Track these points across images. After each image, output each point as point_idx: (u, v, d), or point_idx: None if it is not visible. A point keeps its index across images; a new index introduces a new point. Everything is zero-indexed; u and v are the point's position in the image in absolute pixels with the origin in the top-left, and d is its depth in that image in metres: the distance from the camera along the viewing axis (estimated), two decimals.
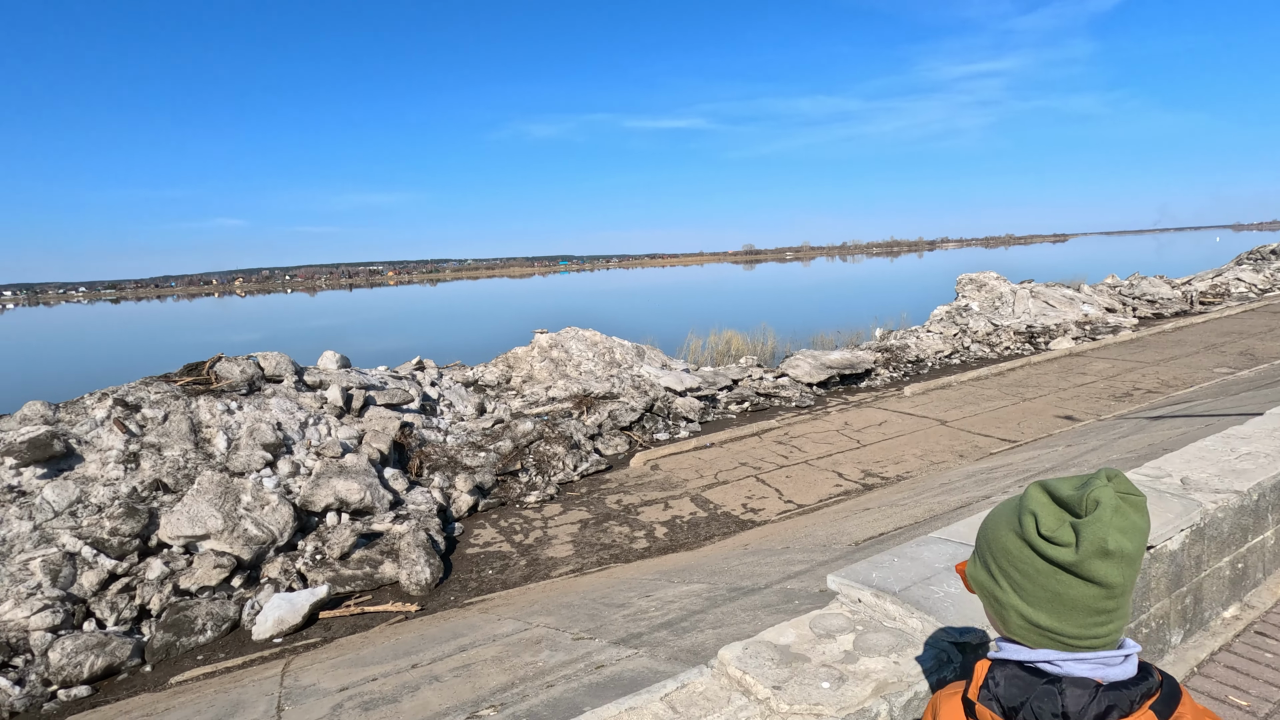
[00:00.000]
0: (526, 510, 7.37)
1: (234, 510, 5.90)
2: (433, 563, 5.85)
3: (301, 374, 8.11)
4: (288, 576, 5.71)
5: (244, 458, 6.42)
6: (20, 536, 5.21)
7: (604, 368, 11.41)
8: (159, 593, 5.27)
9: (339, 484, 6.47)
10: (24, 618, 4.77)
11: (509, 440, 8.53)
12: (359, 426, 7.62)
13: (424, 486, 7.27)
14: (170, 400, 6.69)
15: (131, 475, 5.95)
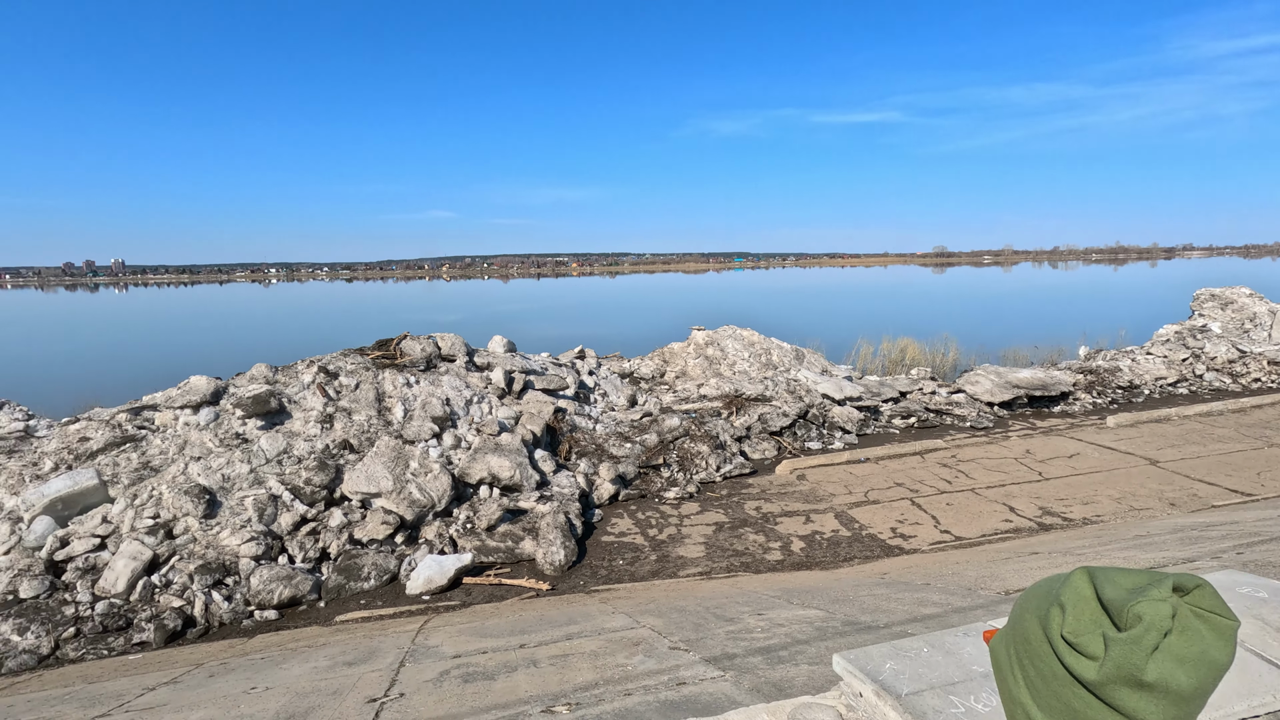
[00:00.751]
0: (664, 506, 7.40)
1: (403, 474, 6.55)
2: (568, 545, 6.08)
3: (472, 355, 8.81)
4: (441, 540, 6.24)
5: (415, 428, 7.11)
6: (240, 477, 6.20)
7: (759, 369, 11.14)
8: (337, 539, 6.00)
9: (493, 460, 6.94)
10: (236, 545, 5.67)
11: (655, 434, 8.62)
12: (517, 408, 8.12)
13: (570, 471, 7.57)
14: (362, 371, 7.58)
15: (326, 434, 6.84)
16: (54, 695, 3.55)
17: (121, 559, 5.31)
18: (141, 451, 6.22)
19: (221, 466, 6.20)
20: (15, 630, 4.81)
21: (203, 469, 6.14)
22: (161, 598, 5.21)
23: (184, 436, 6.44)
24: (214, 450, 6.36)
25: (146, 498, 5.82)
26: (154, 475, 6.04)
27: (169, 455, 6.24)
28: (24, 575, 5.18)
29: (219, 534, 5.70)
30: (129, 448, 6.23)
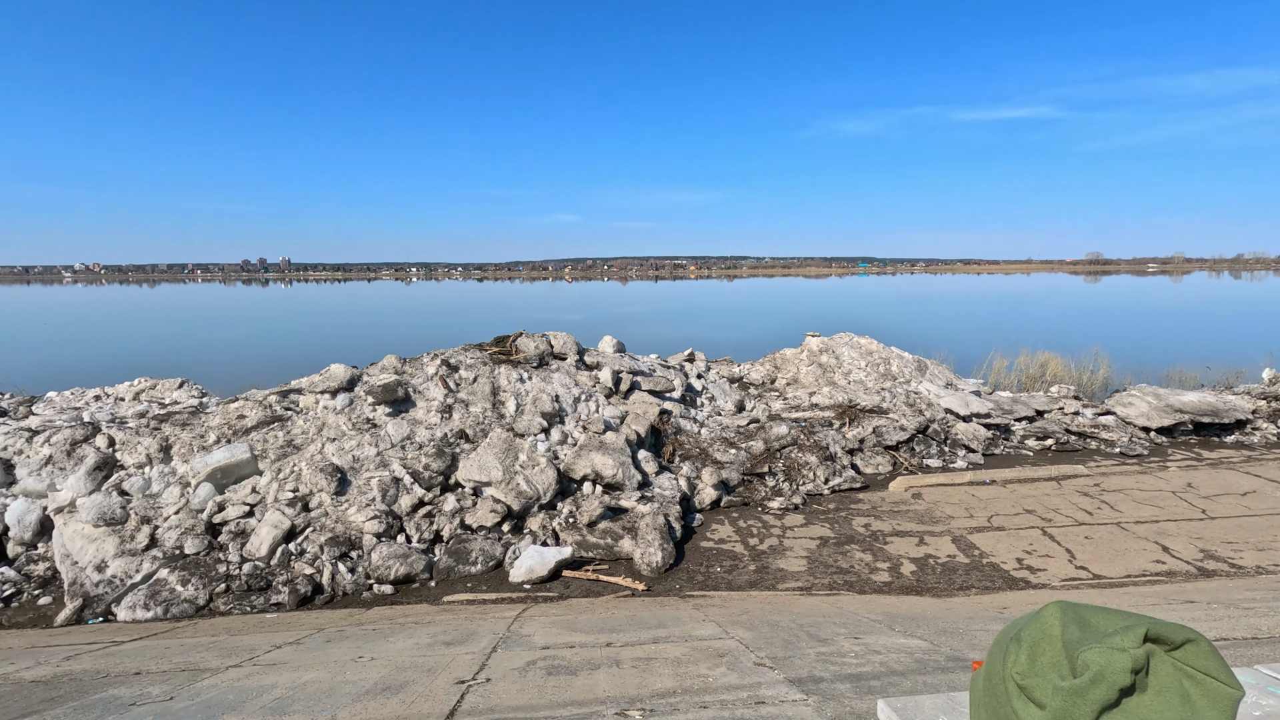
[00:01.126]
0: (767, 515, 7.21)
1: (512, 465, 6.82)
2: (665, 548, 6.07)
3: (583, 354, 9.03)
4: (544, 532, 6.42)
5: (526, 422, 7.38)
6: (368, 459, 6.71)
7: (876, 379, 10.60)
8: (450, 523, 6.34)
9: (597, 458, 7.06)
10: (361, 522, 6.13)
11: (761, 441, 8.43)
12: (623, 407, 8.22)
13: (672, 473, 7.56)
14: (480, 366, 7.97)
15: (445, 423, 7.25)
16: (202, 642, 3.99)
17: (265, 526, 5.90)
18: (287, 430, 6.89)
19: (352, 448, 6.74)
20: (179, 581, 5.46)
21: (336, 450, 6.70)
22: (296, 564, 5.74)
23: (322, 419, 7.06)
24: (347, 433, 6.92)
25: (288, 472, 6.43)
26: (296, 453, 6.66)
27: (309, 435, 6.87)
28: (189, 533, 5.88)
29: (347, 510, 6.20)
30: (276, 426, 6.92)
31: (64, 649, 3.91)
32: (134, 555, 5.58)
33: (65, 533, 5.70)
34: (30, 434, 6.65)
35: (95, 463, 6.23)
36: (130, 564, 5.51)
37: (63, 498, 6.02)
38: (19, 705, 2.66)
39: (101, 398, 9.32)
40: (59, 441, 6.41)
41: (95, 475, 6.21)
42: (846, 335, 11.49)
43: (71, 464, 6.32)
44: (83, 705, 2.61)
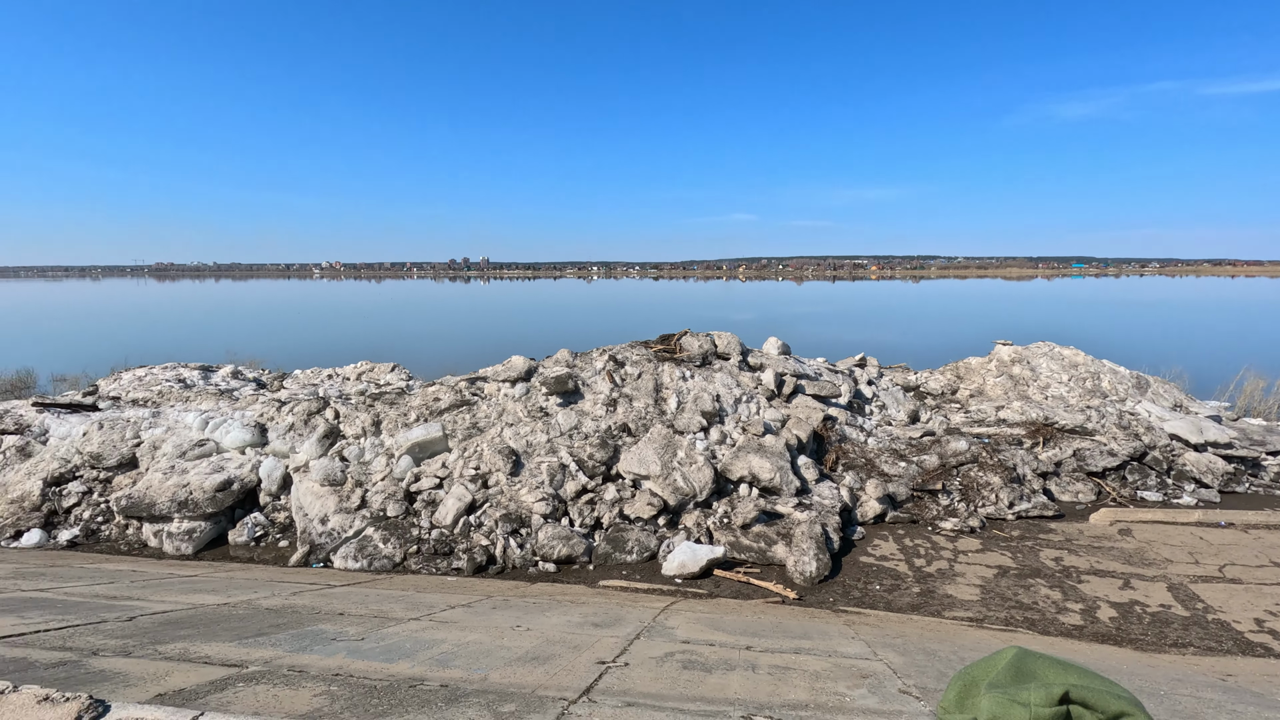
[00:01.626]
0: (938, 536, 6.69)
1: (670, 461, 6.98)
2: (821, 558, 5.87)
3: (746, 355, 8.97)
4: (698, 529, 6.50)
5: (686, 419, 7.50)
6: (539, 445, 7.22)
7: (1081, 395, 9.36)
8: (609, 512, 6.64)
9: (754, 460, 7.00)
10: (531, 502, 6.63)
11: (935, 456, 7.83)
12: (784, 411, 8.05)
13: (833, 482, 7.28)
14: (645, 363, 8.24)
15: (609, 415, 7.59)
16: (394, 595, 4.57)
17: (451, 499, 6.59)
18: (472, 414, 7.63)
19: (526, 434, 7.30)
20: (381, 539, 6.29)
21: (513, 434, 7.30)
22: (474, 535, 6.35)
23: (502, 405, 7.72)
24: (523, 419, 7.51)
25: (472, 451, 7.12)
26: (479, 434, 7.36)
27: (491, 419, 7.55)
28: (391, 499, 6.74)
29: (519, 490, 6.73)
30: (464, 410, 7.68)
31: (292, 585, 4.68)
32: (348, 513, 6.51)
33: (300, 488, 6.79)
34: (279, 404, 8.00)
35: (324, 431, 7.35)
36: (345, 520, 6.44)
37: (299, 459, 7.19)
38: (255, 626, 3.25)
39: (333, 376, 10.94)
40: (299, 412, 7.64)
41: (324, 442, 7.32)
42: (1046, 345, 10.24)
43: (307, 431, 7.51)
44: (299, 634, 3.12)
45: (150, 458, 7.27)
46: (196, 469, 6.91)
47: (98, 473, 7.15)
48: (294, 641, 2.93)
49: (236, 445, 7.34)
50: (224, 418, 7.65)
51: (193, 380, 9.77)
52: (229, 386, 9.66)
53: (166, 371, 9.97)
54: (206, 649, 2.68)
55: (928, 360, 12.31)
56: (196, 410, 8.01)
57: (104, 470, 7.21)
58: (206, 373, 10.37)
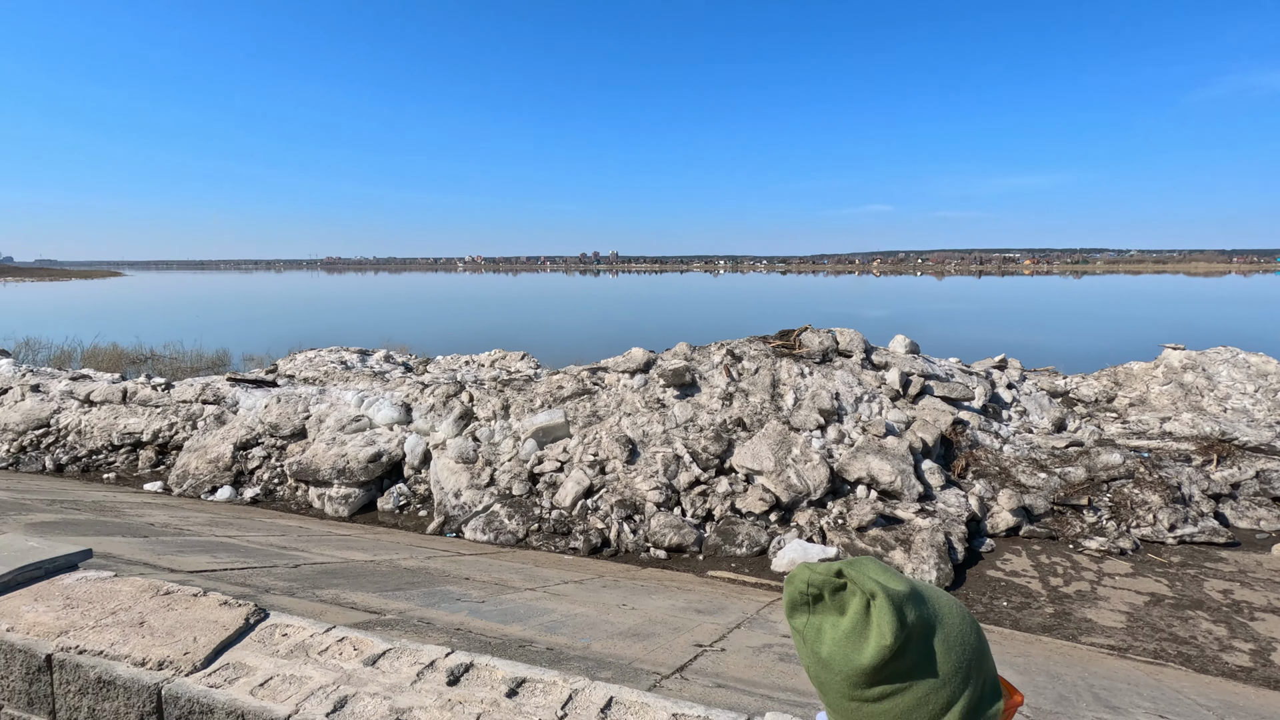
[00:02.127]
0: (1080, 555, 6.15)
1: (784, 458, 6.91)
2: (942, 568, 5.60)
3: (870, 353, 8.65)
4: (811, 528, 6.40)
5: (802, 416, 7.39)
6: (655, 435, 7.41)
7: (1270, 409, 8.15)
8: (721, 504, 6.70)
9: (873, 461, 6.77)
10: (645, 490, 6.83)
11: (1083, 468, 7.17)
12: (909, 412, 7.70)
13: (961, 490, 6.88)
14: (762, 358, 8.18)
15: (724, 409, 7.64)
16: (514, 566, 4.92)
17: (570, 482, 6.93)
18: (593, 402, 7.95)
19: (643, 424, 7.51)
20: (506, 516, 6.74)
21: (630, 424, 7.53)
22: (590, 518, 6.64)
23: (621, 395, 7.98)
24: (640, 410, 7.73)
25: (591, 438, 7.44)
26: (598, 422, 7.67)
27: (609, 408, 7.83)
28: (516, 479, 7.20)
29: (634, 478, 6.95)
30: (585, 398, 8.03)
31: (427, 550, 5.17)
32: (478, 489, 7.04)
33: (437, 464, 7.43)
34: (423, 387, 8.77)
35: (459, 413, 7.97)
36: (476, 496, 6.97)
37: (438, 437, 7.85)
38: (394, 582, 3.65)
39: (470, 362, 11.79)
40: (439, 394, 8.34)
41: (459, 423, 7.94)
42: (1228, 350, 8.99)
43: (445, 412, 8.17)
44: (430, 592, 3.48)
45: (316, 429, 8.24)
46: (353, 441, 7.75)
47: (275, 440, 8.20)
48: (425, 598, 3.27)
49: (386, 422, 8.14)
50: (376, 397, 8.50)
51: (352, 362, 10.91)
52: (382, 369, 10.69)
53: (331, 354, 11.20)
54: (353, 596, 3.07)
55: (1081, 364, 11.20)
56: (354, 389, 8.96)
57: (280, 439, 8.26)
58: (364, 356, 11.54)
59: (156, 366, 17.91)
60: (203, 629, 1.73)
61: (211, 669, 1.60)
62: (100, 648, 1.63)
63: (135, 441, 8.51)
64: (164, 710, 1.52)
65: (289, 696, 1.51)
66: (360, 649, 1.72)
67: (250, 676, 1.58)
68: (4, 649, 1.64)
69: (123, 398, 9.07)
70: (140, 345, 20.21)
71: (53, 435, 8.69)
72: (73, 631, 1.69)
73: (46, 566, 2.00)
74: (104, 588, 1.94)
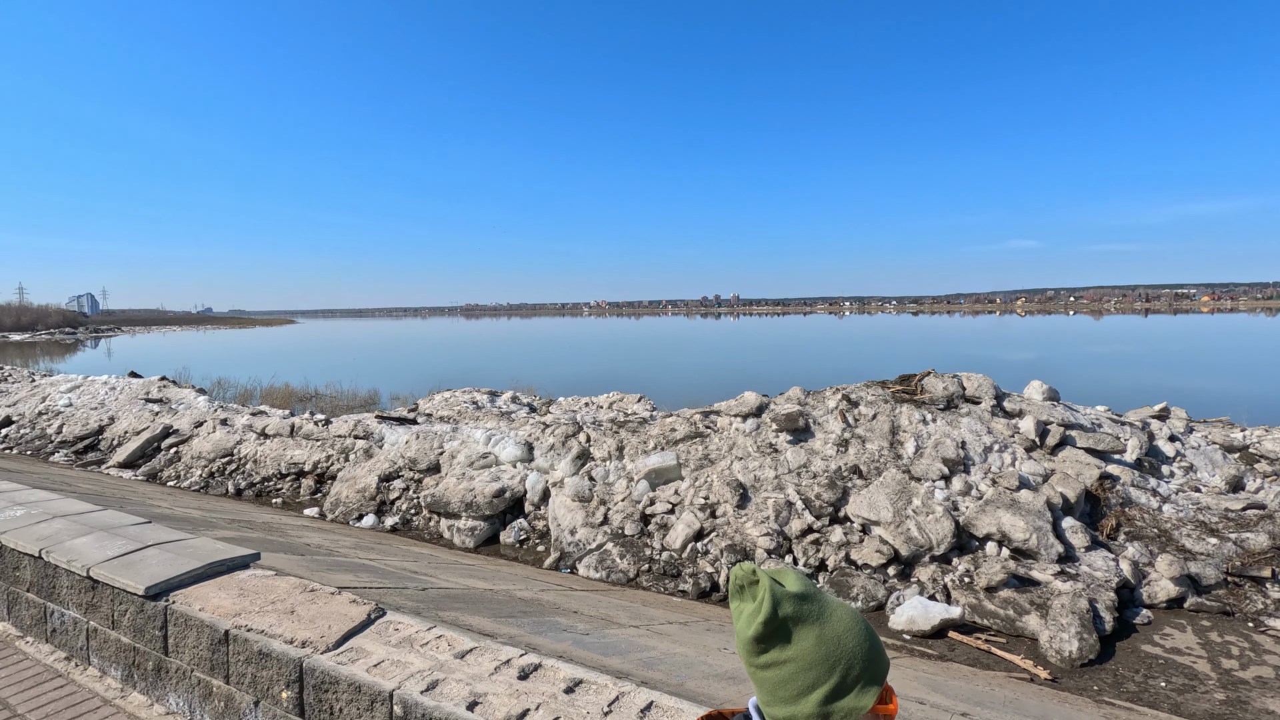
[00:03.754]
0: (1262, 635, 5.35)
1: (904, 509, 6.61)
2: (1085, 638, 5.09)
3: (1001, 399, 8.11)
4: (934, 585, 6.04)
5: (924, 466, 7.04)
6: (766, 480, 7.34)
7: None
8: (835, 554, 6.49)
9: (1005, 516, 6.31)
10: (755, 535, 6.76)
11: (1265, 534, 6.28)
12: (1047, 465, 7.11)
13: (1111, 552, 6.23)
14: (880, 404, 7.92)
15: (840, 456, 7.44)
16: (621, 604, 5.06)
17: (681, 524, 7.01)
18: (705, 445, 8.03)
19: (755, 469, 7.47)
20: (619, 555, 6.91)
21: (742, 468, 7.52)
22: (700, 561, 6.66)
23: (733, 439, 8.00)
24: (751, 454, 7.70)
25: (702, 482, 7.50)
26: (709, 465, 7.72)
27: (721, 452, 7.87)
28: (629, 519, 7.39)
29: (745, 523, 6.91)
30: (697, 441, 8.12)
31: (541, 584, 5.43)
32: (593, 527, 7.28)
33: (555, 502, 7.77)
34: (544, 427, 9.25)
35: (577, 453, 8.32)
36: (590, 534, 7.21)
37: (557, 476, 8.23)
38: (509, 609, 3.90)
39: (589, 404, 12.26)
40: (558, 435, 8.76)
41: (576, 463, 8.29)
42: None
43: (564, 451, 8.56)
44: (540, 621, 3.69)
45: (449, 465, 8.90)
46: (480, 477, 8.30)
47: (413, 473, 8.95)
48: (534, 626, 3.48)
49: (510, 460, 8.65)
50: (502, 436, 9.07)
51: (482, 402, 11.71)
52: (508, 409, 11.38)
53: (464, 394, 12.09)
54: (470, 619, 3.33)
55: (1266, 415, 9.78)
56: (483, 428, 9.62)
57: (417, 472, 9.00)
58: (493, 396, 12.34)
59: (319, 404, 20.06)
60: (336, 620, 2.12)
61: (340, 650, 2.04)
62: (262, 628, 2.03)
63: (299, 471, 9.59)
64: (304, 679, 1.95)
65: (394, 676, 1.90)
66: (453, 645, 2.03)
67: (367, 659, 1.99)
68: (195, 625, 2.07)
69: (290, 431, 10.28)
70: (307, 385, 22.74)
71: (235, 463, 9.99)
72: (244, 614, 2.11)
73: (228, 564, 2.46)
74: (267, 583, 2.36)
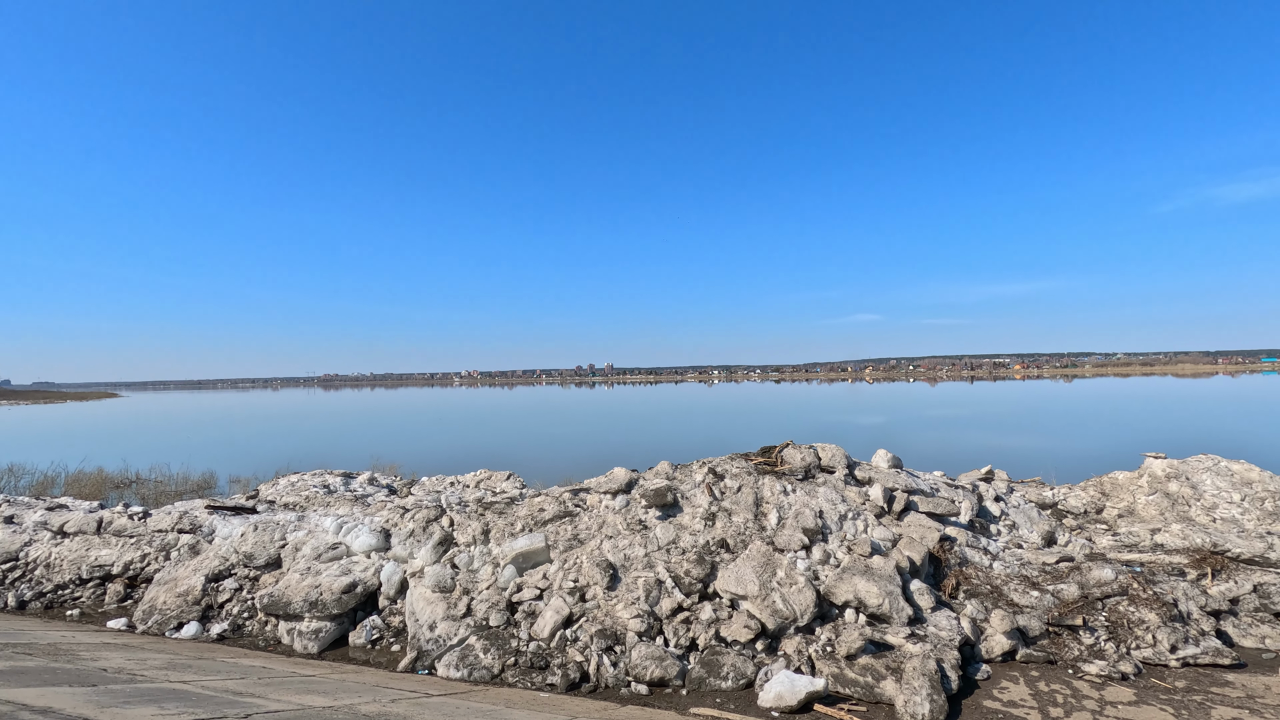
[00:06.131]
0: (1081, 681, 5.88)
1: (769, 581, 6.74)
2: (935, 699, 5.34)
3: (853, 468, 8.65)
4: (799, 657, 6.14)
5: (786, 536, 7.28)
6: (637, 559, 7.26)
7: (1258, 519, 8.08)
8: (705, 633, 6.46)
9: (860, 583, 6.61)
10: (626, 619, 6.60)
11: (1075, 585, 7.00)
12: (895, 530, 7.60)
13: (953, 611, 6.68)
14: (745, 476, 8.17)
15: (707, 530, 7.53)
16: (483, 709, 4.68)
17: (549, 611, 6.71)
18: (574, 525, 7.84)
19: (624, 547, 7.37)
20: (482, 649, 6.46)
21: (611, 547, 7.39)
22: (570, 650, 6.37)
23: (603, 517, 7.89)
24: (621, 532, 7.61)
25: (572, 564, 7.27)
26: (579, 546, 7.52)
27: (591, 531, 7.71)
28: (494, 608, 6.97)
29: (615, 605, 6.74)
30: (567, 520, 7.92)
31: (393, 692, 4.93)
32: (454, 620, 6.79)
33: (414, 594, 7.20)
34: (403, 511, 8.65)
35: (439, 539, 7.82)
36: (451, 628, 6.71)
37: (416, 564, 7.66)
38: None
39: (455, 483, 11.67)
40: (419, 519, 8.22)
41: (438, 549, 7.78)
42: (1209, 458, 9.02)
43: (425, 537, 8.02)
44: None
45: (292, 559, 8.04)
46: (328, 571, 7.54)
47: (249, 571, 7.97)
48: None
49: (363, 549, 7.96)
50: (355, 523, 8.36)
51: (335, 485, 10.80)
52: (364, 492, 10.57)
53: (314, 477, 11.11)
54: None
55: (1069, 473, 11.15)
56: (334, 515, 8.83)
57: (254, 569, 8.04)
58: (347, 479, 11.44)
59: (141, 491, 17.64)
60: None
61: None
62: None
63: (105, 574, 8.26)
64: None
65: None
66: None
67: None
68: None
69: (97, 528, 8.90)
70: (126, 469, 20.00)
71: (20, 569, 8.44)
72: None
73: None
74: None
